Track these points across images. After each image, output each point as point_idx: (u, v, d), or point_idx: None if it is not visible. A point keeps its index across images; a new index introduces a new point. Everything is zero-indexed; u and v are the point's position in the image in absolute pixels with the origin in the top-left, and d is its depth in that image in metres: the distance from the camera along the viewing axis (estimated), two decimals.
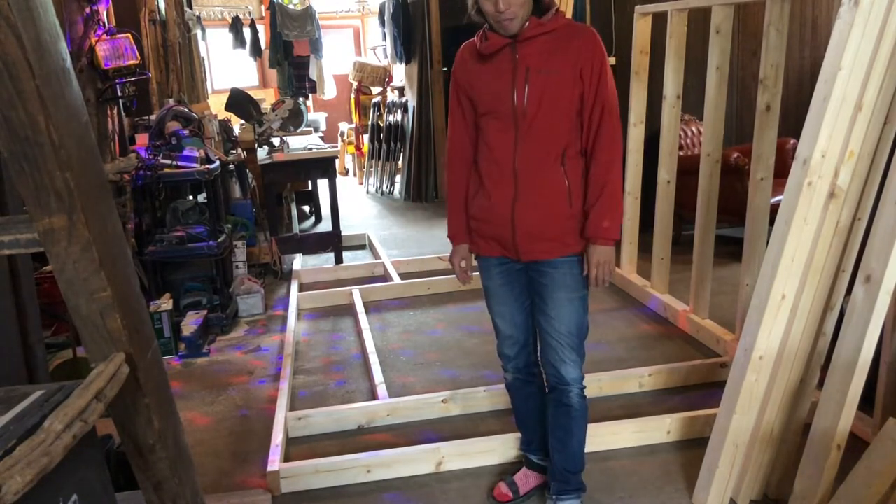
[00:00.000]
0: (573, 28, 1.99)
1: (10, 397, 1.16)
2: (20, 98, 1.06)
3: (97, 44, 3.65)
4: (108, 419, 1.33)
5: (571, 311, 2.07)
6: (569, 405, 2.15)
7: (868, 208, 2.04)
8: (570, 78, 1.95)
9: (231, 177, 5.04)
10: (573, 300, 2.07)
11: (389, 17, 7.47)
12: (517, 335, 2.23)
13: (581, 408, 2.16)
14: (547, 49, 1.95)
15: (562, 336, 2.08)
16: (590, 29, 2.03)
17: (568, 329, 2.07)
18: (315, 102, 9.86)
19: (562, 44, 1.96)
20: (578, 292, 2.07)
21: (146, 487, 1.43)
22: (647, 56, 3.91)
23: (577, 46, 1.95)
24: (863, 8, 1.85)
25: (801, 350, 2.14)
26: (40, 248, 1.18)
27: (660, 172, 3.79)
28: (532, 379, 2.31)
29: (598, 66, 1.96)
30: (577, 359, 2.11)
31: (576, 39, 1.96)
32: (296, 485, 2.51)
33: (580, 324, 2.09)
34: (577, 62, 1.95)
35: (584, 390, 2.17)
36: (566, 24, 1.99)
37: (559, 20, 1.97)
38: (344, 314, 4.27)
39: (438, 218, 6.63)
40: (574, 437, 2.19)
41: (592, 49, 1.96)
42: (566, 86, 1.96)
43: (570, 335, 2.08)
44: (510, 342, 2.25)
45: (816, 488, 2.02)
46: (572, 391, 2.13)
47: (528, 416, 2.37)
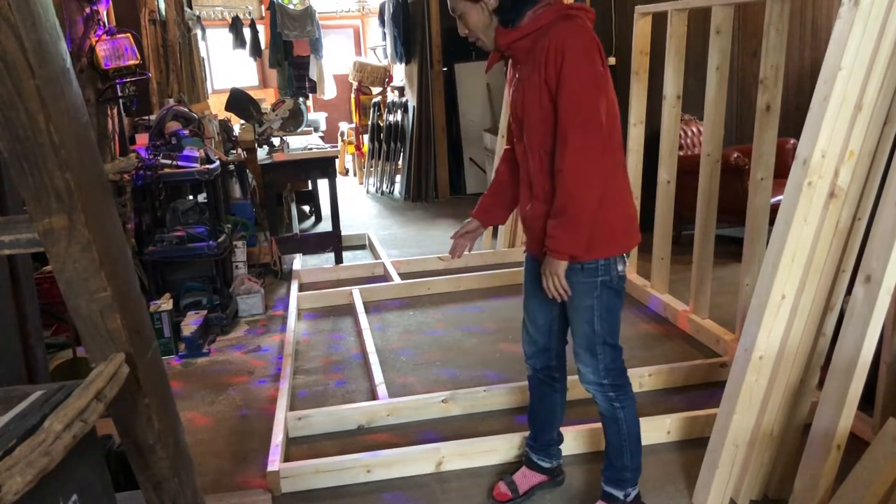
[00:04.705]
0: (547, 27, 1.88)
1: (10, 397, 1.16)
2: (20, 98, 1.05)
3: (97, 44, 3.65)
4: (108, 419, 1.33)
5: (580, 319, 2.06)
6: (598, 406, 2.17)
7: (868, 208, 2.04)
8: (537, 83, 1.89)
9: (231, 177, 5.04)
10: (578, 309, 2.05)
11: (389, 17, 7.47)
12: (536, 335, 2.25)
13: (608, 413, 2.15)
14: (525, 55, 1.94)
15: (575, 336, 2.11)
16: (561, 26, 1.86)
17: (580, 330, 2.08)
18: (315, 102, 9.86)
19: (535, 46, 1.89)
20: (583, 301, 2.04)
21: (146, 487, 1.43)
22: (647, 56, 3.91)
23: (541, 48, 1.86)
24: (863, 8, 1.85)
25: (801, 350, 2.14)
26: (40, 248, 1.18)
27: (660, 172, 3.79)
28: (551, 383, 2.31)
29: (556, 67, 1.83)
30: (591, 361, 2.08)
31: (542, 40, 1.87)
32: (296, 485, 2.51)
33: (593, 329, 2.05)
34: (539, 66, 1.87)
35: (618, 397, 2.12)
36: (547, 24, 1.88)
37: (539, 20, 1.89)
38: (344, 314, 4.27)
39: (438, 218, 6.63)
40: (608, 443, 2.20)
41: (553, 49, 1.83)
42: (534, 92, 1.91)
43: (583, 337, 2.08)
44: (529, 340, 2.28)
45: (816, 488, 2.02)
46: (595, 394, 2.14)
47: (539, 414, 2.38)
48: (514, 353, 3.54)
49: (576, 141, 1.85)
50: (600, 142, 1.87)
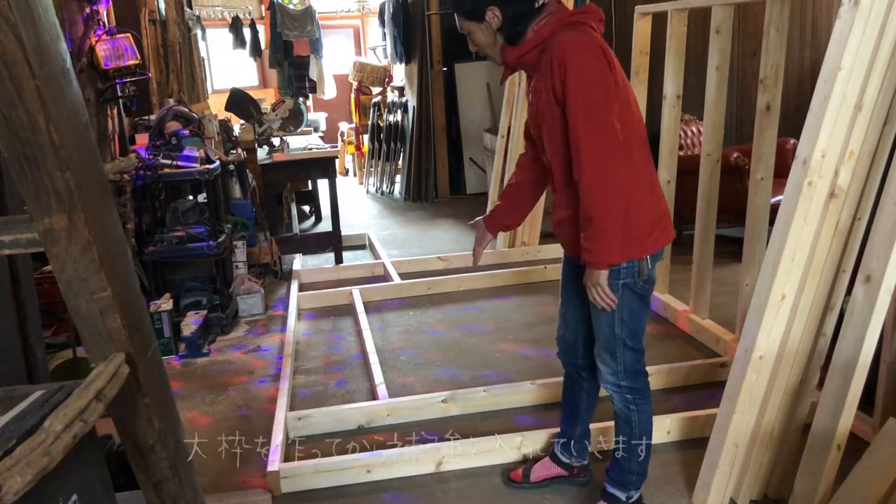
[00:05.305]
0: (550, 38, 1.89)
1: (10, 397, 1.16)
2: (20, 98, 1.05)
3: (97, 44, 3.65)
4: (108, 419, 1.33)
5: (601, 320, 2.07)
6: (613, 405, 2.18)
7: (868, 208, 2.04)
8: (546, 94, 1.91)
9: (231, 177, 5.04)
10: (600, 310, 2.04)
11: (389, 17, 7.47)
12: (565, 330, 2.30)
13: (623, 414, 2.15)
14: (534, 68, 1.97)
15: (597, 337, 2.12)
16: (562, 36, 1.87)
17: (601, 331, 2.08)
18: (315, 102, 9.85)
19: (541, 58, 1.92)
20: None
21: (146, 487, 1.43)
22: (647, 56, 3.91)
23: (545, 60, 1.88)
24: (863, 8, 1.85)
25: (801, 350, 2.14)
26: (40, 248, 1.18)
27: (660, 172, 3.78)
28: (579, 380, 2.33)
29: (560, 78, 1.84)
30: (611, 363, 2.09)
31: (546, 53, 1.89)
32: (296, 485, 2.51)
33: (613, 332, 2.05)
34: (546, 77, 1.89)
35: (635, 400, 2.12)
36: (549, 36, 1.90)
37: (541, 33, 1.91)
38: (344, 314, 4.26)
39: (438, 218, 6.63)
40: (618, 443, 2.20)
41: (556, 60, 1.84)
42: (546, 103, 1.92)
43: (604, 338, 2.08)
44: (560, 334, 2.33)
45: (816, 488, 2.02)
46: (613, 394, 2.15)
47: (568, 409, 2.40)
48: (514, 353, 3.54)
49: (588, 149, 1.85)
50: (614, 146, 1.85)
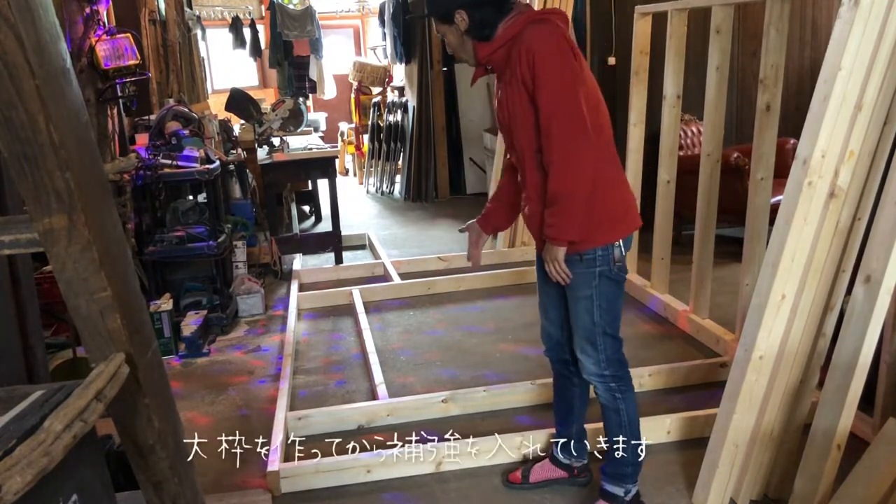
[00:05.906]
0: (519, 34, 1.96)
1: (10, 397, 1.16)
2: (20, 98, 1.05)
3: (97, 44, 3.65)
4: (108, 419, 1.33)
5: (580, 309, 2.10)
6: (599, 398, 2.20)
7: (868, 208, 2.04)
8: (516, 86, 1.97)
9: (231, 177, 5.04)
10: (578, 299, 2.09)
11: (389, 17, 7.47)
12: (549, 328, 2.32)
13: (610, 404, 2.17)
14: (503, 64, 2.02)
15: (576, 328, 2.14)
16: (530, 29, 1.95)
17: (581, 322, 2.11)
18: (315, 102, 9.85)
19: (510, 53, 1.98)
20: (582, 291, 2.08)
21: (146, 487, 1.43)
22: (647, 56, 3.91)
23: (516, 53, 1.95)
24: (863, 8, 1.85)
25: (801, 350, 2.14)
26: (40, 248, 1.18)
27: (660, 172, 3.79)
28: (568, 376, 2.34)
29: (529, 66, 1.92)
30: (592, 352, 2.12)
31: (516, 45, 1.95)
32: (296, 485, 2.51)
33: (593, 320, 2.08)
34: (515, 69, 1.96)
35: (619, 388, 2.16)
36: (518, 32, 1.96)
37: (510, 30, 1.97)
38: (344, 314, 4.26)
39: (438, 218, 6.63)
40: (610, 433, 2.22)
41: (525, 50, 1.92)
42: (515, 95, 1.99)
43: (583, 328, 2.11)
44: (544, 332, 2.35)
45: (816, 488, 2.02)
46: (597, 385, 2.17)
47: (558, 406, 2.42)
48: (514, 353, 3.54)
49: (559, 131, 1.92)
50: (584, 129, 1.92)
